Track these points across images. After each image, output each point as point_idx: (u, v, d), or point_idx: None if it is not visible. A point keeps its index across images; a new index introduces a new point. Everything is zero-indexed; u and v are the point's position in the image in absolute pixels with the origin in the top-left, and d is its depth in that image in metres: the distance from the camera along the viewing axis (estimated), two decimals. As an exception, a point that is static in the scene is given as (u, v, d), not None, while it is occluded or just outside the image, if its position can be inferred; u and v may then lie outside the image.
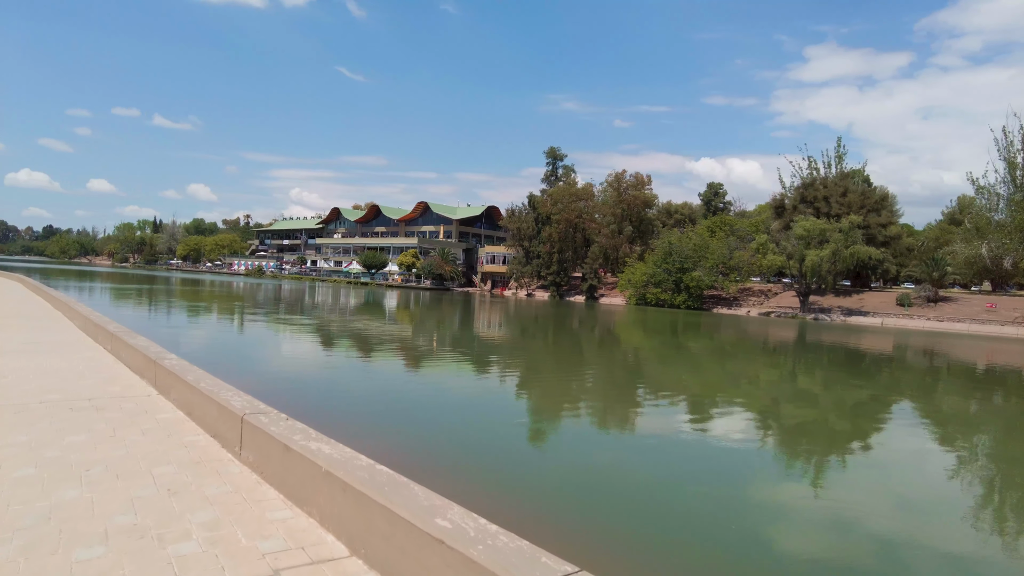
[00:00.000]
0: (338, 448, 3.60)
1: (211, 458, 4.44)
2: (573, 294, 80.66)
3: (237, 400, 4.74)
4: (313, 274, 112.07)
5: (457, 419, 10.67)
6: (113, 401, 6.05)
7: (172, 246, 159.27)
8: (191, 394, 5.42)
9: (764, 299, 68.30)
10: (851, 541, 6.11)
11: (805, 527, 6.52)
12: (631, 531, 5.91)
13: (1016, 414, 15.43)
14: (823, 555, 5.76)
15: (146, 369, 7.06)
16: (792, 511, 6.99)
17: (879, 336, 42.00)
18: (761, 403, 14.58)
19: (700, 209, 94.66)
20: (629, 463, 8.50)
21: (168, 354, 7.05)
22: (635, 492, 7.20)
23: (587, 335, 32.83)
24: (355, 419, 9.41)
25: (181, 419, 5.48)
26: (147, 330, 16.36)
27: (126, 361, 8.04)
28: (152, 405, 5.97)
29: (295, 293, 60.57)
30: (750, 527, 6.27)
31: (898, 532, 6.45)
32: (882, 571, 5.48)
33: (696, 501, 7.00)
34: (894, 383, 20.10)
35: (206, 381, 5.45)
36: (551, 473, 7.78)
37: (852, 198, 66.03)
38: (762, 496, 7.41)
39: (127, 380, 7.14)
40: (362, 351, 19.72)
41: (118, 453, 4.46)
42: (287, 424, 4.11)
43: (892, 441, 11.57)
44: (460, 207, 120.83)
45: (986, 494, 8.40)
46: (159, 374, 6.51)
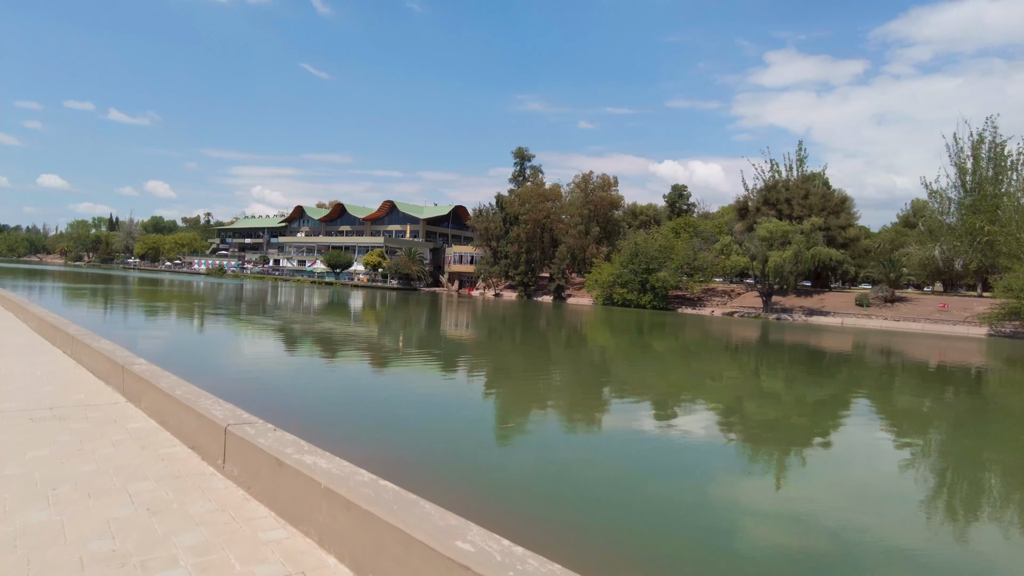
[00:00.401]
0: (336, 462, 3.34)
1: (191, 472, 4.12)
2: (541, 294, 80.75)
3: (218, 409, 4.42)
4: (276, 274, 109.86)
5: (425, 420, 10.56)
6: (77, 410, 5.63)
7: (129, 244, 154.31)
8: (165, 402, 5.07)
9: (727, 299, 69.41)
10: (808, 531, 6.32)
11: (764, 519, 6.67)
12: (597, 525, 6.04)
13: (966, 409, 15.98)
14: (781, 545, 5.96)
15: (112, 375, 6.63)
16: (752, 504, 7.15)
17: (839, 335, 43.04)
18: (726, 401, 14.80)
19: (665, 211, 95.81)
20: (595, 460, 8.62)
21: (136, 358, 6.63)
22: (601, 488, 7.32)
23: (556, 335, 32.80)
24: (325, 424, 9.13)
25: (154, 429, 5.11)
26: (107, 332, 15.66)
27: (89, 366, 7.57)
28: (121, 414, 5.57)
29: (258, 293, 59.24)
30: (713, 520, 6.47)
31: (853, 523, 6.65)
32: (837, 559, 5.67)
33: (661, 496, 7.16)
34: (855, 381, 20.61)
35: (182, 388, 5.10)
36: (520, 472, 7.88)
37: (813, 200, 67.57)
38: (725, 490, 7.61)
39: (91, 387, 6.69)
40: (329, 353, 19.27)
41: (88, 468, 4.11)
42: (276, 436, 3.83)
43: (850, 436, 11.88)
44: (427, 206, 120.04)
45: (937, 486, 8.71)
46: (128, 380, 6.11)
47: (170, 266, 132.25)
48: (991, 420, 14.63)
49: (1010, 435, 12.82)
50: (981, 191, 60.05)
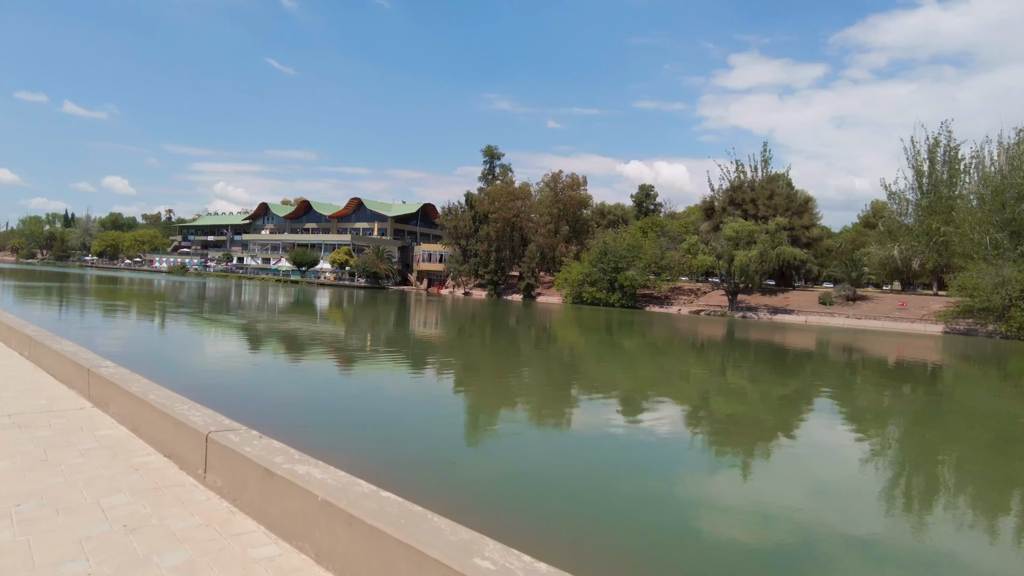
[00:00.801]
0: (331, 472, 3.13)
1: (170, 483, 3.84)
2: (510, 293, 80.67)
3: (197, 415, 4.14)
4: (240, 272, 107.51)
5: (396, 422, 10.34)
6: (40, 417, 5.25)
7: (86, 242, 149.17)
8: (137, 408, 4.76)
9: (694, 298, 70.31)
10: (769, 523, 6.48)
11: (727, 512, 6.83)
12: (561, 521, 6.12)
13: (924, 404, 16.42)
14: (743, 537, 6.11)
15: (77, 378, 6.24)
16: (715, 498, 7.32)
17: (804, 333, 43.93)
18: (695, 398, 14.94)
19: (632, 210, 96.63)
20: (563, 457, 8.71)
21: (103, 361, 6.26)
22: (567, 484, 7.41)
23: (528, 334, 32.72)
24: (300, 428, 8.83)
25: (126, 436, 4.78)
26: (66, 333, 15.00)
27: (50, 369, 7.13)
28: (88, 421, 5.21)
29: (222, 292, 57.83)
30: (677, 515, 6.65)
31: (813, 515, 6.87)
32: (796, 549, 5.87)
33: (627, 492, 7.27)
34: (820, 378, 21.04)
35: (155, 392, 4.79)
36: (489, 471, 7.94)
37: (778, 201, 68.86)
38: (689, 486, 7.79)
39: (53, 391, 6.28)
40: (299, 354, 18.82)
41: (55, 481, 3.79)
42: (263, 443, 3.59)
43: (812, 432, 12.11)
44: (395, 204, 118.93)
45: (892, 478, 8.93)
46: (94, 384, 5.74)
47: (130, 264, 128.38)
48: (947, 415, 15.01)
49: (964, 429, 13.20)
50: (936, 193, 61.95)
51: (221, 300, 44.68)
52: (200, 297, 47.33)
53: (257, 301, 46.01)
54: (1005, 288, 46.80)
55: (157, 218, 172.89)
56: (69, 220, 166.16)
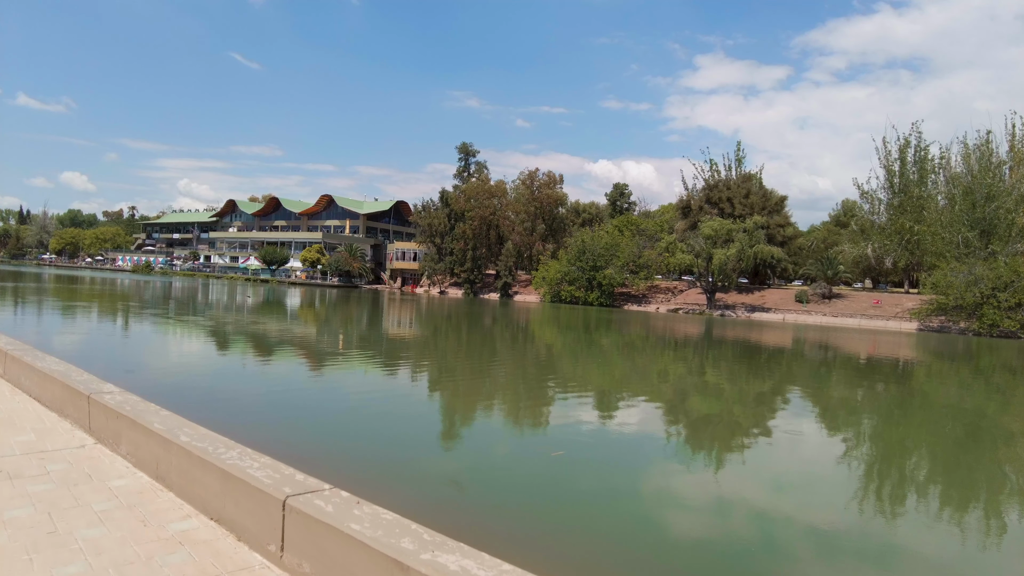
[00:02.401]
0: (488, 563, 2.23)
1: (231, 566, 2.87)
2: (487, 292, 79.73)
3: (255, 466, 3.17)
4: (207, 270, 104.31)
5: (364, 422, 10.25)
6: (31, 461, 4.16)
7: (44, 239, 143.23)
8: (162, 449, 3.75)
9: (671, 296, 70.31)
10: (733, 518, 6.67)
11: (692, 508, 7.01)
12: (525, 517, 6.25)
13: (898, 400, 16.63)
14: (707, 531, 6.30)
15: (71, 406, 5.16)
16: (680, 495, 7.46)
17: (782, 331, 44.15)
18: (673, 395, 14.99)
19: (607, 209, 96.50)
20: (533, 456, 8.78)
21: (104, 384, 5.17)
22: (534, 481, 7.53)
23: (508, 333, 31.95)
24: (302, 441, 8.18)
25: (149, 487, 3.76)
26: (37, 342, 13.73)
27: (34, 393, 5.98)
28: (94, 464, 4.15)
29: (191, 291, 55.65)
30: (640, 511, 6.76)
31: (777, 511, 6.97)
32: (759, 546, 5.96)
33: (589, 489, 7.34)
34: (797, 374, 21.64)
35: (187, 430, 3.79)
36: (467, 471, 7.99)
37: (754, 200, 69.19)
38: (654, 482, 7.97)
39: (41, 423, 5.17)
40: (275, 356, 17.68)
41: (75, 569, 2.78)
42: (370, 513, 2.65)
43: (786, 427, 12.04)
44: (367, 201, 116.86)
45: (862, 474, 9.06)
46: (97, 415, 4.66)
47: (91, 262, 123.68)
48: (917, 410, 15.24)
49: (933, 424, 13.38)
50: (907, 192, 62.92)
51: (189, 300, 42.87)
52: (169, 297, 45.37)
53: (227, 301, 44.25)
54: (977, 286, 47.56)
55: (119, 215, 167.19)
56: (24, 217, 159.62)
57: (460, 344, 25.62)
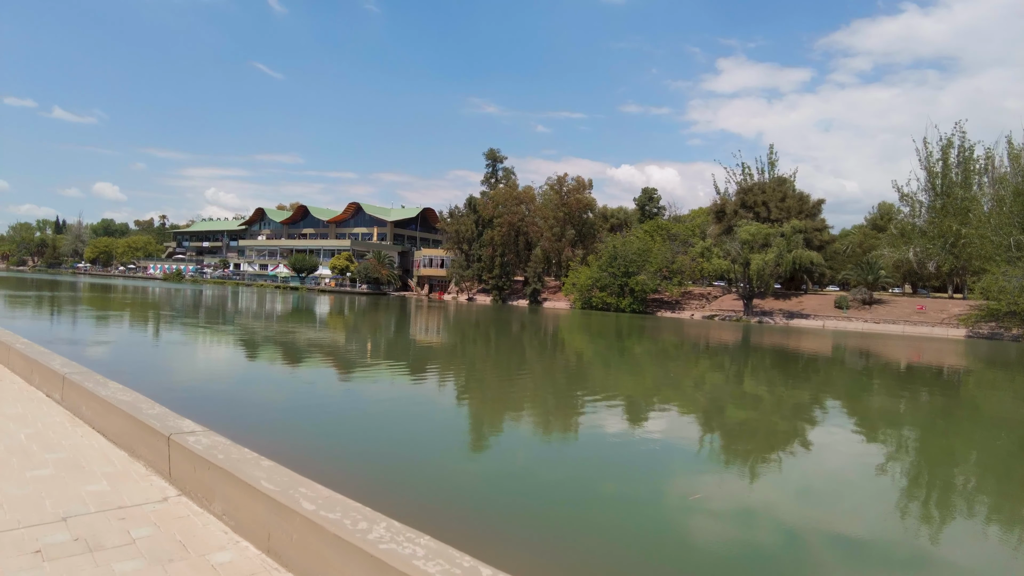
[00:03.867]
0: None
1: None
2: (515, 298, 79.09)
3: (422, 557, 2.54)
4: (236, 278, 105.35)
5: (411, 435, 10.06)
6: (111, 523, 3.55)
7: (78, 248, 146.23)
8: (277, 518, 3.07)
9: (706, 302, 68.95)
10: (763, 531, 6.43)
11: (719, 517, 6.79)
12: (553, 526, 6.14)
13: (945, 409, 15.96)
14: (732, 541, 6.11)
15: (144, 445, 4.56)
16: (710, 504, 7.23)
17: (822, 338, 43.00)
18: (718, 404, 14.61)
19: (635, 214, 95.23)
20: (560, 463, 8.72)
21: (182, 420, 4.59)
22: (558, 487, 7.48)
23: (540, 340, 31.26)
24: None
25: (262, 567, 3.10)
26: (94, 362, 13.44)
27: (97, 425, 5.44)
28: (186, 529, 3.52)
29: (225, 300, 55.90)
30: (671, 522, 6.60)
31: (812, 523, 6.74)
32: (788, 557, 5.82)
33: (618, 498, 7.27)
34: (845, 382, 20.89)
35: (306, 492, 3.16)
36: (501, 482, 7.85)
37: (791, 203, 67.59)
38: (683, 491, 7.73)
39: (112, 465, 4.59)
40: (322, 366, 17.21)
41: None
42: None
43: (827, 438, 11.71)
44: (394, 208, 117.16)
45: (907, 486, 8.70)
46: (180, 461, 4.04)
47: (123, 271, 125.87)
48: (968, 421, 14.60)
49: (985, 436, 12.73)
50: (951, 194, 60.93)
51: (223, 308, 42.92)
52: (203, 305, 45.53)
53: (258, 310, 44.26)
54: (1032, 291, 45.73)
55: (150, 224, 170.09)
56: (60, 226, 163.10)
57: (493, 352, 25.22)
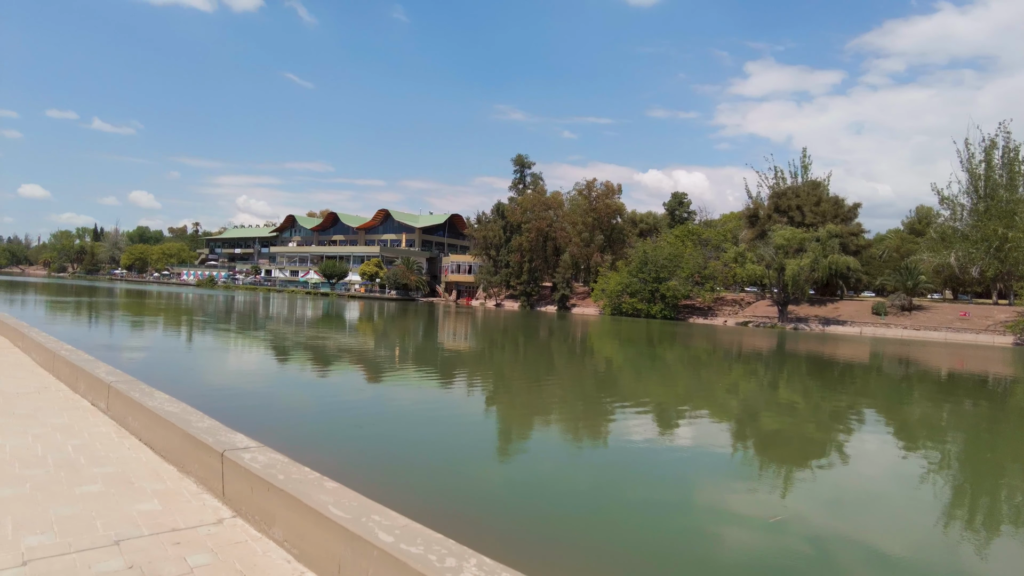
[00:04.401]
0: None
1: None
2: (544, 304, 78.67)
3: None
4: (268, 284, 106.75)
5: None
6: (166, 548, 3.28)
7: (115, 255, 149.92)
8: (349, 550, 2.70)
9: (738, 308, 67.72)
10: (792, 542, 6.29)
11: (747, 527, 6.68)
12: (582, 534, 6.13)
13: (993, 420, 15.30)
14: (759, 551, 6.02)
15: (196, 461, 4.30)
16: (738, 513, 7.13)
17: (860, 344, 41.97)
18: (751, 411, 14.26)
19: (664, 219, 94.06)
20: (584, 466, 8.76)
21: (235, 434, 4.33)
22: (585, 493, 7.48)
23: (570, 347, 30.79)
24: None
25: None
26: (136, 369, 13.43)
27: (145, 437, 5.21)
28: (245, 557, 3.21)
29: (259, 306, 56.53)
30: (693, 527, 6.59)
31: (845, 535, 6.58)
32: (816, 568, 5.70)
33: (641, 502, 7.27)
34: (882, 391, 20.37)
35: (380, 520, 2.85)
36: (516, 487, 7.87)
37: (826, 207, 66.14)
38: (711, 499, 7.67)
39: (162, 482, 4.34)
40: (357, 371, 17.03)
41: None
42: None
43: (865, 447, 11.34)
44: (422, 215, 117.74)
45: (948, 502, 8.33)
46: (235, 480, 3.75)
47: (158, 277, 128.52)
48: (1015, 430, 14.05)
49: None
50: (995, 196, 58.95)
51: (251, 313, 43.31)
52: (237, 311, 46.03)
53: (291, 315, 44.58)
54: (1085, 297, 43.88)
55: (183, 231, 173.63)
56: (98, 234, 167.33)
57: (523, 358, 24.93)
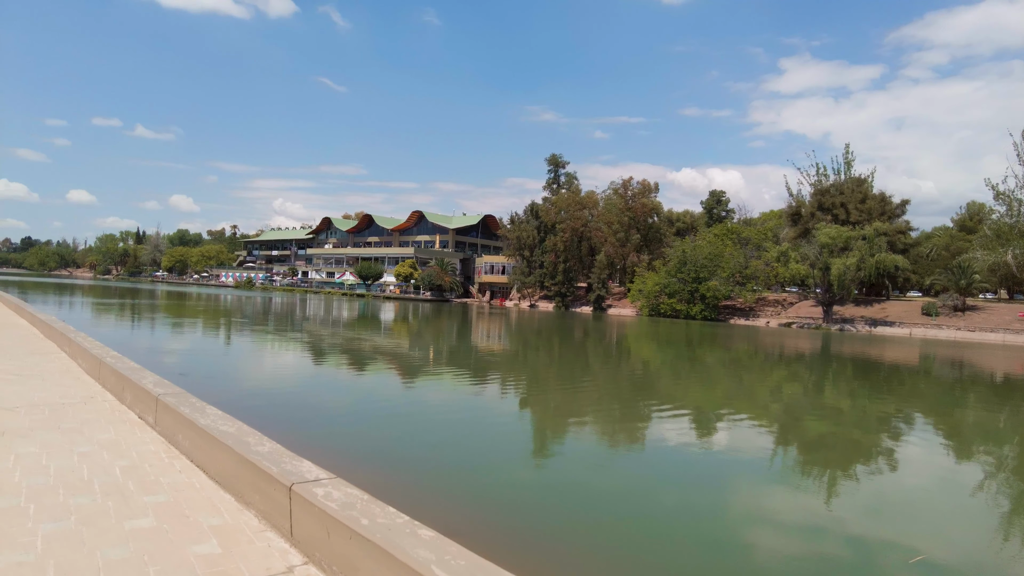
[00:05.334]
0: None
1: None
2: (579, 305, 77.80)
3: None
4: (305, 286, 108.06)
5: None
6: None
7: (156, 258, 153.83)
8: None
9: (780, 309, 65.89)
10: (847, 559, 6.03)
11: (789, 534, 6.55)
12: (603, 532, 6.15)
13: None
14: (800, 560, 5.86)
15: (257, 493, 3.73)
16: (778, 520, 7.00)
17: (910, 347, 40.34)
18: (794, 415, 13.54)
19: (702, 217, 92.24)
20: (621, 471, 8.68)
21: (301, 461, 3.85)
22: (619, 498, 7.42)
23: (610, 349, 30.00)
24: None
25: None
26: (185, 379, 13.29)
27: (197, 459, 4.74)
28: None
29: (299, 307, 56.97)
30: (728, 534, 6.40)
31: (888, 543, 6.36)
32: None
33: (676, 507, 7.20)
34: (935, 395, 19.72)
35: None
36: (552, 492, 7.68)
37: (871, 204, 63.93)
38: (749, 505, 7.49)
39: (219, 515, 3.81)
40: (396, 373, 16.64)
41: None
42: None
43: (915, 454, 10.84)
44: (455, 216, 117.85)
45: (1001, 512, 8.00)
46: (307, 521, 3.19)
47: (198, 279, 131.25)
48: None
49: None
50: (1056, 192, 56.29)
51: (287, 315, 43.54)
52: (273, 312, 46.37)
53: (331, 317, 44.70)
54: None
55: (221, 234, 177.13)
56: (140, 237, 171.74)
57: (564, 361, 24.40)
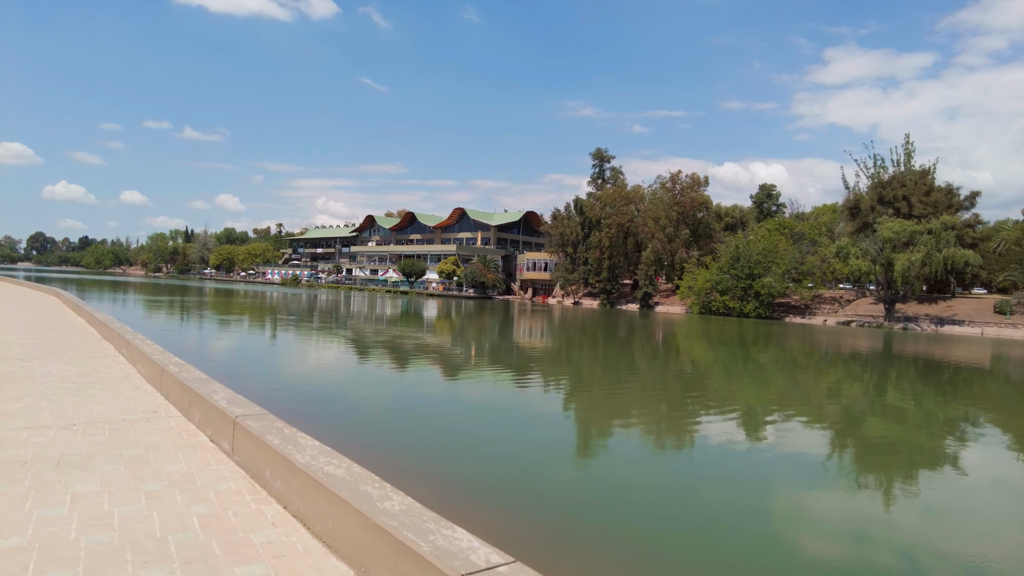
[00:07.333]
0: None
1: None
2: (624, 302, 76.21)
3: None
4: (349, 283, 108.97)
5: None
6: None
7: (204, 255, 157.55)
8: None
9: (838, 307, 63.24)
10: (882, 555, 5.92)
11: (835, 539, 6.38)
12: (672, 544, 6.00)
13: None
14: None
15: (387, 567, 2.93)
16: (828, 524, 6.85)
17: (984, 347, 38.10)
18: (854, 418, 12.66)
19: (751, 212, 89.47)
20: (667, 472, 8.60)
21: (455, 528, 2.85)
22: (666, 500, 7.37)
23: (664, 348, 28.70)
24: None
25: None
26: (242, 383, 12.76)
27: (293, 507, 3.73)
28: None
29: (341, 304, 57.03)
30: (773, 537, 6.29)
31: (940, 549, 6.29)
32: None
33: (722, 510, 7.04)
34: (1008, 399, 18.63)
35: None
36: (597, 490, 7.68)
37: (937, 197, 60.72)
38: (796, 508, 7.36)
39: (290, 558, 3.11)
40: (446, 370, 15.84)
41: None
42: None
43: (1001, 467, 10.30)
44: (497, 213, 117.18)
45: None
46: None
47: (244, 276, 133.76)
48: None
49: None
50: None
51: (334, 311, 43.40)
52: (319, 309, 46.35)
53: (379, 314, 44.42)
54: None
55: (267, 232, 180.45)
56: (189, 236, 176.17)
57: (610, 359, 23.56)
